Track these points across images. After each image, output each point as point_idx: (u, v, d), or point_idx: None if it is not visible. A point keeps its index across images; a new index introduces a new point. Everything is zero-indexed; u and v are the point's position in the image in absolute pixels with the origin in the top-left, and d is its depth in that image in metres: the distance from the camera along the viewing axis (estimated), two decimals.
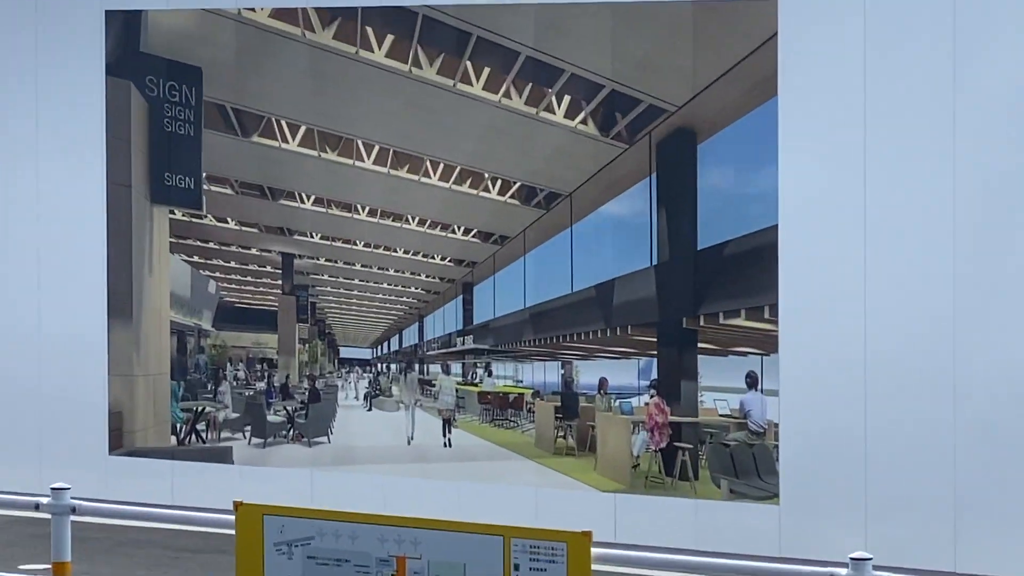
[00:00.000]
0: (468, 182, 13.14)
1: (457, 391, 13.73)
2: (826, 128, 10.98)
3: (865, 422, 10.72)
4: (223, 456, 13.80)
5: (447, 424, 13.48)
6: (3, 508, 9.19)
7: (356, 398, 14.16)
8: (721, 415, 12.02)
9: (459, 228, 13.56)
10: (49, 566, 6.26)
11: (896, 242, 10.65)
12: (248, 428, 13.96)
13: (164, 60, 13.64)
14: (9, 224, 14.10)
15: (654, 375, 12.29)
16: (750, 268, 11.59)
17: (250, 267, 14.42)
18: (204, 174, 13.75)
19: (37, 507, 6.52)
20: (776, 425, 11.34)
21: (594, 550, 4.13)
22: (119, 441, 13.84)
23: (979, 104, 10.37)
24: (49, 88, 13.83)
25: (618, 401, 12.58)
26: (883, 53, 10.69)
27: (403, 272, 14.10)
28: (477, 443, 13.36)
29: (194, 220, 14.00)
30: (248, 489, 12.27)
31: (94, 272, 13.73)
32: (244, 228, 14.16)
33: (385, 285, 14.39)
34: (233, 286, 14.49)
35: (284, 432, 13.86)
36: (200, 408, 14.12)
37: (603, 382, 12.71)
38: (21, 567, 10.38)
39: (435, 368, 14.00)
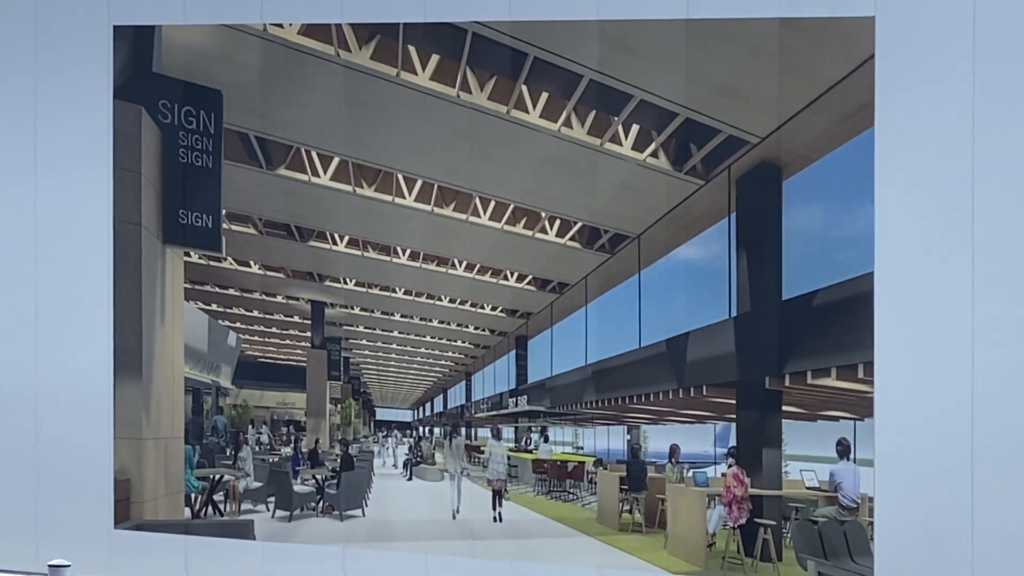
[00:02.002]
0: (523, 222, 13.48)
1: (509, 459, 13.95)
2: (929, 163, 11.11)
3: (972, 498, 10.88)
4: (243, 531, 13.94)
5: (497, 496, 13.72)
6: None
7: (394, 466, 14.37)
8: (808, 488, 12.27)
9: (512, 274, 13.86)
10: None
11: (1010, 292, 10.82)
12: (272, 499, 14.25)
13: (180, 82, 13.89)
14: (3, 267, 14.26)
15: (732, 442, 12.56)
16: (842, 321, 11.70)
17: (275, 317, 14.68)
18: (224, 211, 13.97)
19: None
20: (871, 500, 11.49)
21: None
22: (126, 512, 13.94)
23: None
24: (49, 112, 14.03)
25: (691, 471, 12.79)
26: (994, 76, 10.90)
27: (448, 324, 14.32)
28: (531, 518, 13.61)
29: (212, 263, 14.23)
30: (272, 568, 12.71)
31: (98, 322, 13.92)
32: (269, 273, 14.45)
33: (428, 338, 14.58)
34: (256, 338, 14.74)
35: (313, 504, 14.13)
36: (218, 476, 14.37)
37: (674, 449, 12.92)
38: None
39: (484, 432, 14.21)
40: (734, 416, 12.48)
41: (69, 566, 6.50)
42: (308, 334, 14.47)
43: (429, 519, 13.66)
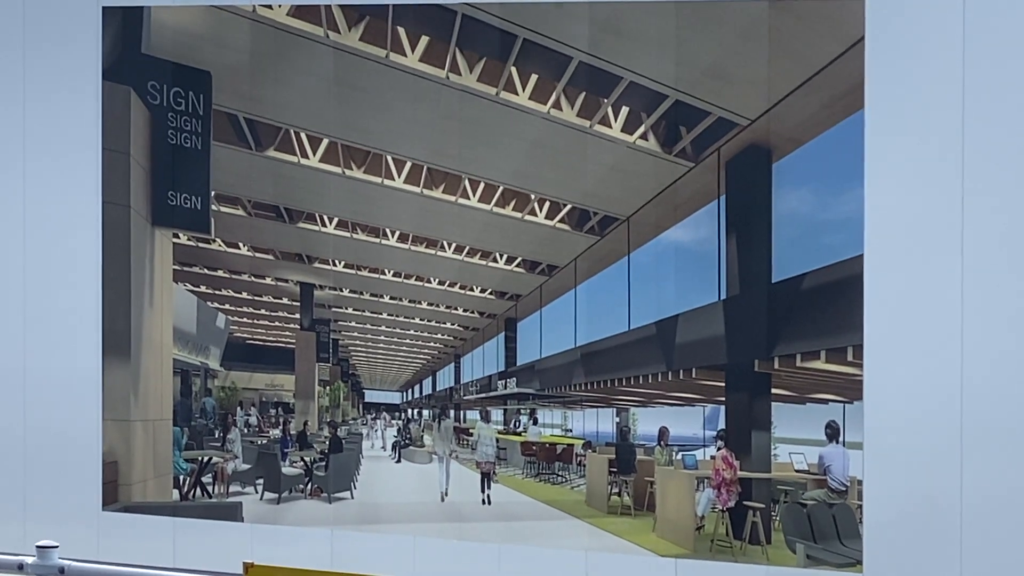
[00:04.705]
0: (512, 204, 13.42)
1: (498, 441, 13.90)
2: (919, 145, 11.02)
3: (961, 480, 10.82)
4: (232, 513, 13.93)
5: (486, 478, 13.72)
6: None
7: (383, 448, 14.36)
8: (797, 471, 12.27)
9: (501, 256, 13.82)
10: None
11: (999, 275, 10.74)
12: (260, 481, 14.25)
13: (169, 63, 13.83)
14: None
15: (721, 425, 12.53)
16: (831, 304, 11.66)
17: (264, 299, 14.68)
18: (213, 193, 13.94)
19: (21, 567, 6.55)
20: (860, 483, 11.48)
21: None
22: (114, 494, 13.93)
23: None
24: (38, 94, 13.96)
25: (680, 454, 12.77)
26: (984, 57, 10.81)
27: (437, 306, 14.29)
28: (520, 500, 13.62)
29: (201, 245, 14.25)
30: (260, 550, 12.68)
31: (87, 303, 13.86)
32: (258, 254, 14.44)
33: (417, 320, 14.55)
34: (245, 320, 14.74)
35: (301, 486, 14.14)
36: (206, 458, 14.36)
37: (663, 432, 12.90)
38: None
39: (473, 415, 14.18)
40: (723, 399, 12.44)
41: (57, 547, 6.38)
42: (297, 316, 14.44)
43: (417, 501, 13.64)
